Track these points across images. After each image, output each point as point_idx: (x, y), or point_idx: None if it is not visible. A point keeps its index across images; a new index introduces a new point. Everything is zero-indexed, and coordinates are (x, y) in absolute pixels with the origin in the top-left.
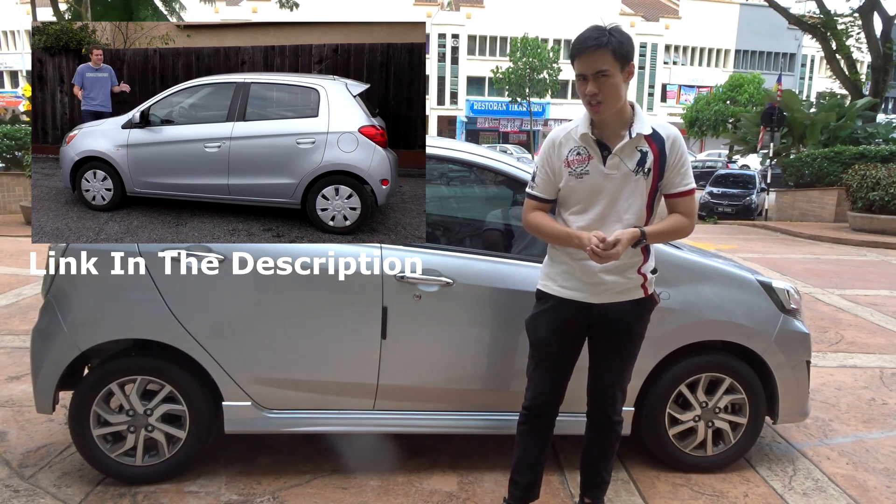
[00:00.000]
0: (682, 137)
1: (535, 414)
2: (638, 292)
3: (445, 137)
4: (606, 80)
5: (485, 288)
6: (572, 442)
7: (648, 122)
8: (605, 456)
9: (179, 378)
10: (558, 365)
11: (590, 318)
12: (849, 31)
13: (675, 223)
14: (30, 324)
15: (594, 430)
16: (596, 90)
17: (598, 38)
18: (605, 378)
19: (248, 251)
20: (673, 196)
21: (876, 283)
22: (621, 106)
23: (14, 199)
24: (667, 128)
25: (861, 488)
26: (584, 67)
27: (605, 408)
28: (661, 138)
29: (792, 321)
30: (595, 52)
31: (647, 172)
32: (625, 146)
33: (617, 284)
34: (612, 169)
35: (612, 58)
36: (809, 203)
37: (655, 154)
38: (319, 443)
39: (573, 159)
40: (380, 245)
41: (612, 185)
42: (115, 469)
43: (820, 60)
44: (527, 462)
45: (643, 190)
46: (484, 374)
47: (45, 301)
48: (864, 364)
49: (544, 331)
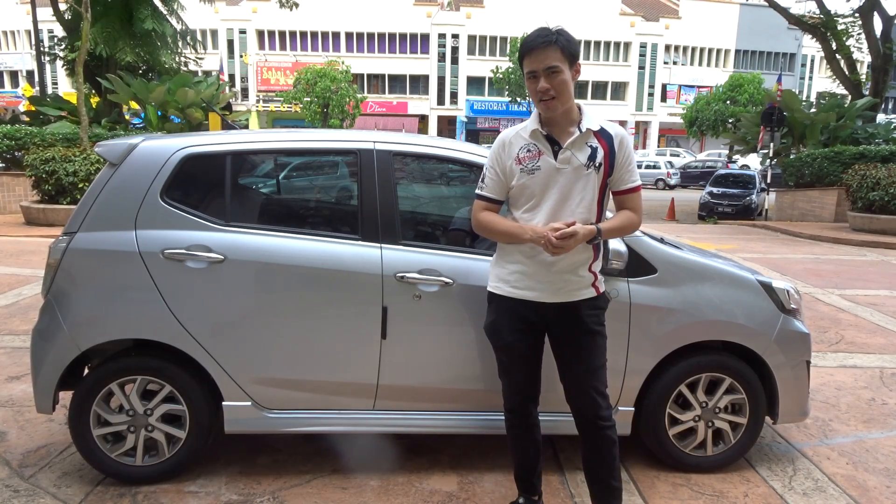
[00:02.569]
0: (630, 137)
1: (515, 414)
2: (590, 291)
3: (445, 137)
4: (557, 76)
5: (484, 288)
6: (572, 442)
7: (596, 120)
8: (605, 464)
9: (179, 378)
10: (526, 364)
11: (546, 317)
12: (849, 31)
13: (626, 219)
14: (30, 324)
15: (586, 437)
16: (548, 86)
17: (546, 37)
18: (578, 382)
19: (248, 251)
20: (622, 193)
21: (876, 283)
22: (570, 105)
23: (14, 198)
24: (614, 126)
25: (861, 488)
26: (535, 64)
27: (586, 411)
28: (609, 136)
29: (792, 321)
30: (545, 49)
31: (598, 167)
32: (575, 140)
33: (570, 282)
34: (563, 163)
35: (561, 55)
36: (809, 203)
37: (606, 150)
38: (319, 443)
39: (524, 156)
40: (380, 245)
41: (564, 178)
42: (115, 469)
43: (820, 60)
44: (525, 460)
45: (594, 185)
46: (484, 374)
47: (45, 301)
48: (864, 364)
49: (506, 335)
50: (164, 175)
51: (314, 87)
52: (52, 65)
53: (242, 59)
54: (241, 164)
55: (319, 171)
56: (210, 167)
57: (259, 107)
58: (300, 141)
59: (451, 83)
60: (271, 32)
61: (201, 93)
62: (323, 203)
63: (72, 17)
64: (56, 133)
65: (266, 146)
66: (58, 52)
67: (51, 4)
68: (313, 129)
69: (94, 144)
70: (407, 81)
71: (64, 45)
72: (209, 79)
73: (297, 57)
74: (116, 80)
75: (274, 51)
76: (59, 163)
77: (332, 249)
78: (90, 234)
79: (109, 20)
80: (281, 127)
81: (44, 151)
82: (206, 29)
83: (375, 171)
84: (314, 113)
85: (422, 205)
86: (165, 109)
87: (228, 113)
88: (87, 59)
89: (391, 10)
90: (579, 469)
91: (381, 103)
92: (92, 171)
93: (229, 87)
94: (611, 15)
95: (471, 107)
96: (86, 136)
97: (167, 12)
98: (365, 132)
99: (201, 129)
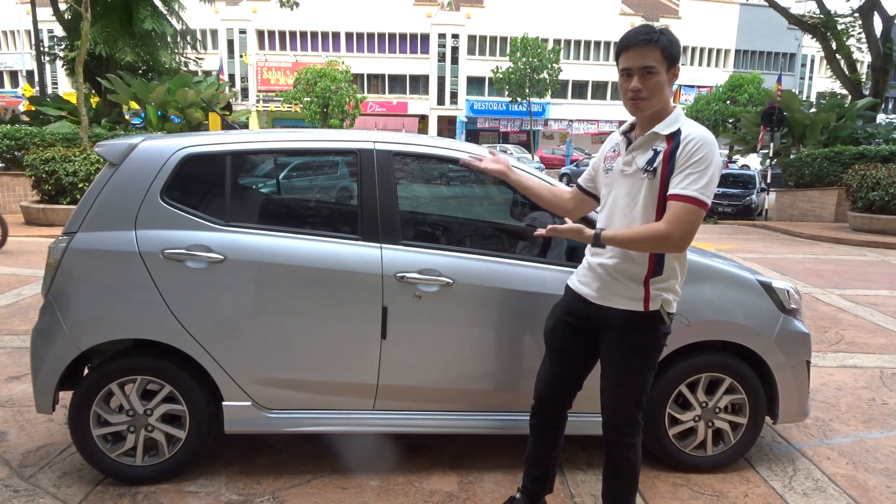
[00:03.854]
0: (711, 145)
1: (538, 410)
2: (636, 304)
3: (445, 137)
4: (652, 76)
5: (485, 288)
6: (573, 441)
7: (678, 124)
8: (620, 480)
9: (179, 378)
10: (560, 361)
11: (591, 318)
12: (849, 31)
13: (645, 228)
14: (30, 324)
15: (607, 449)
16: (640, 86)
17: (648, 34)
18: (605, 391)
19: (248, 251)
20: (668, 198)
21: (876, 283)
22: (662, 108)
23: (14, 198)
24: (696, 129)
25: (861, 488)
26: (630, 62)
27: (608, 423)
28: (678, 138)
29: (792, 321)
30: (645, 48)
31: (653, 172)
32: (640, 143)
33: (614, 288)
34: (626, 165)
35: (661, 56)
36: (809, 203)
37: (667, 153)
38: (319, 443)
39: (608, 155)
40: (380, 245)
41: (622, 182)
42: (115, 469)
43: (820, 60)
44: (536, 455)
45: (649, 190)
46: (484, 374)
47: (45, 301)
48: (864, 364)
49: (551, 321)
50: (164, 175)
51: (314, 87)
52: (52, 65)
53: (242, 59)
54: (241, 164)
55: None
56: (210, 167)
57: (259, 107)
58: (300, 141)
59: (451, 83)
60: (271, 32)
61: (201, 93)
62: (323, 203)
63: (72, 17)
64: (56, 133)
65: (266, 146)
66: (58, 52)
67: (51, 4)
68: (313, 129)
69: (94, 144)
70: (407, 81)
71: (64, 44)
72: (209, 79)
73: (297, 57)
74: (116, 80)
75: (274, 51)
76: (59, 163)
77: (332, 249)
78: (90, 234)
79: (109, 20)
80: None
81: (44, 151)
82: (206, 29)
83: (375, 171)
84: (314, 113)
85: (422, 205)
86: (165, 109)
87: (228, 113)
88: (87, 59)
89: (391, 10)
90: (579, 469)
91: (381, 103)
92: (92, 171)
93: (229, 87)
94: (611, 15)
95: (471, 107)
96: (86, 136)
97: (167, 12)
98: (365, 132)
99: (201, 129)
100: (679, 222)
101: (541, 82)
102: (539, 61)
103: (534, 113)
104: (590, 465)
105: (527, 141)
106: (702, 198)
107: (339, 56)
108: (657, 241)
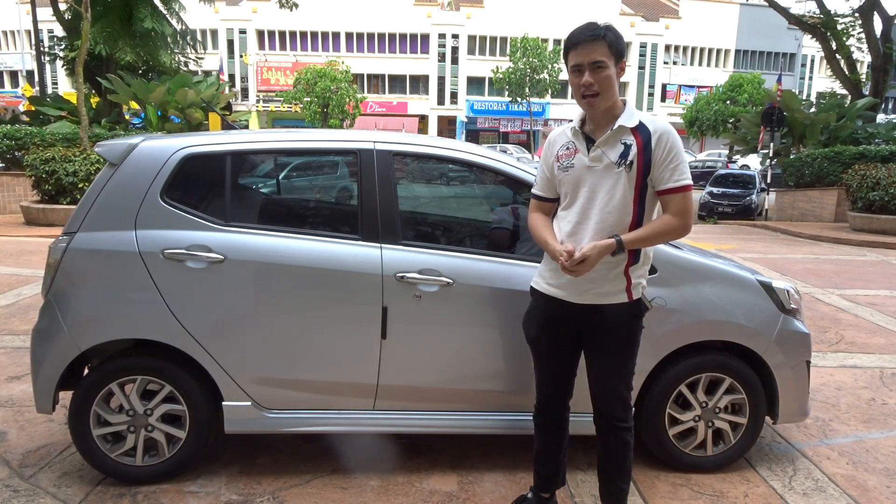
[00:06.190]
0: (676, 134)
1: (541, 410)
2: (621, 296)
3: (445, 137)
4: (601, 71)
5: (485, 288)
6: (573, 441)
7: (637, 116)
8: (616, 464)
9: (179, 378)
10: (553, 362)
11: (575, 318)
12: (849, 31)
13: (662, 225)
14: (30, 324)
15: (602, 437)
16: (592, 81)
17: (594, 31)
18: (598, 381)
19: (248, 251)
20: (662, 193)
21: (876, 283)
22: (613, 102)
23: (14, 198)
24: (656, 122)
25: (861, 488)
26: (580, 58)
27: (603, 411)
28: (647, 131)
29: (792, 321)
30: (592, 44)
31: (629, 165)
32: (608, 137)
33: (598, 286)
34: (594, 161)
35: (608, 50)
36: (809, 203)
37: (640, 147)
38: (319, 443)
39: (562, 154)
40: (380, 245)
41: (594, 177)
42: (115, 469)
43: (820, 60)
44: (544, 453)
45: (626, 184)
46: (484, 374)
47: (45, 301)
48: (864, 364)
49: (534, 329)
50: (164, 175)
51: (314, 88)
52: (52, 65)
53: (242, 59)
54: (241, 164)
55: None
56: (210, 167)
57: (259, 107)
58: (300, 141)
59: (451, 83)
60: (271, 32)
61: (201, 93)
62: (323, 203)
63: (72, 17)
64: (56, 133)
65: (266, 146)
66: (58, 52)
67: (51, 4)
68: (313, 129)
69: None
70: (407, 81)
71: (64, 44)
72: (209, 79)
73: (297, 57)
74: (116, 80)
75: (274, 51)
76: (59, 163)
77: (332, 249)
78: (90, 234)
79: (109, 20)
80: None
81: (44, 151)
82: (206, 29)
83: (375, 171)
84: (314, 113)
85: (422, 205)
86: (165, 109)
87: (228, 113)
88: (86, 59)
89: (391, 10)
90: (579, 469)
91: (381, 103)
92: (92, 171)
93: (229, 87)
94: (611, 15)
95: (471, 107)
96: (86, 136)
97: (167, 12)
98: (365, 132)
99: (201, 129)
100: (685, 211)
101: (541, 82)
102: (539, 61)
103: (534, 113)
104: (590, 465)
105: (527, 141)
106: (690, 182)
107: (339, 56)
108: (676, 233)
